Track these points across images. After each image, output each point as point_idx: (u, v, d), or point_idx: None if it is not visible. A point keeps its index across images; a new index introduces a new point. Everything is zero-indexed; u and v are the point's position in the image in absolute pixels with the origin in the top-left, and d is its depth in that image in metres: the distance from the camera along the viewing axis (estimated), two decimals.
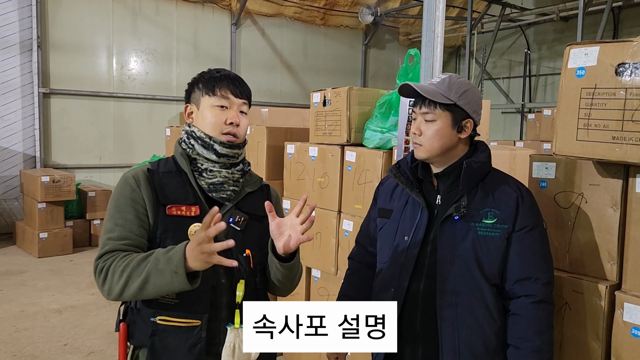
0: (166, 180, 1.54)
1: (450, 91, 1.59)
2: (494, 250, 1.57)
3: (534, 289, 1.56)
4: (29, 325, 4.24)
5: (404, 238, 1.65)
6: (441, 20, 2.24)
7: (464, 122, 1.61)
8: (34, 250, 6.40)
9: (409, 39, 11.49)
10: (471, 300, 1.56)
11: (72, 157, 7.86)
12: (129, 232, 1.46)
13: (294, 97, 9.93)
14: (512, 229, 1.57)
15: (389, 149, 2.76)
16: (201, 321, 1.47)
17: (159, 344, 1.47)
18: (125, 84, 8.25)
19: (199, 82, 1.59)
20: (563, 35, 9.89)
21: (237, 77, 1.60)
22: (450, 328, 1.56)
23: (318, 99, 3.22)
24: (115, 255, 1.43)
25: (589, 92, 1.62)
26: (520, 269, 1.57)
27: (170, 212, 1.49)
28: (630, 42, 1.55)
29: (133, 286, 1.38)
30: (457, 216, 1.57)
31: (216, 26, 9.05)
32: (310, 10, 9.88)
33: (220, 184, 1.55)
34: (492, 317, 1.57)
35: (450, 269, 1.57)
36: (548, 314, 1.57)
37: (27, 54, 7.32)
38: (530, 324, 1.55)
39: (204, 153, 1.54)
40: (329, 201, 3.10)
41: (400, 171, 1.72)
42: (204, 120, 1.55)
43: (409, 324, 1.63)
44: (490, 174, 1.65)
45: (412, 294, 1.62)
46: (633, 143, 1.54)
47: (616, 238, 1.72)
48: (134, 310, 1.53)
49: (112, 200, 1.52)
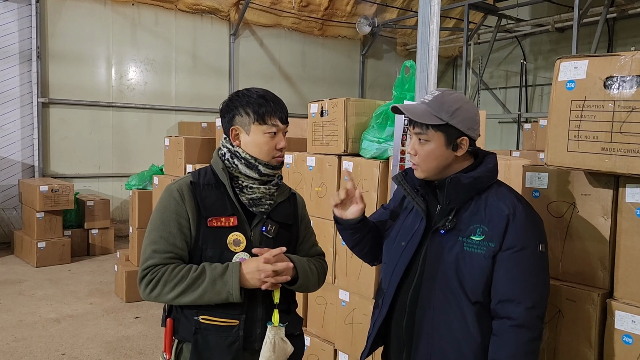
0: (207, 193, 1.70)
1: (441, 110, 1.57)
2: (477, 268, 1.54)
3: (514, 312, 1.51)
4: (27, 335, 4.25)
5: (402, 243, 1.69)
6: (436, 33, 2.28)
7: (458, 140, 1.59)
8: (32, 260, 6.41)
9: (406, 49, 11.58)
10: (449, 315, 1.56)
11: (71, 167, 7.89)
12: (173, 245, 1.65)
13: (292, 107, 9.93)
14: (499, 248, 1.53)
15: (386, 159, 2.80)
16: (239, 321, 1.66)
17: (202, 341, 1.64)
18: (124, 93, 8.29)
19: (245, 107, 1.70)
20: (559, 46, 9.98)
21: (278, 99, 1.74)
22: (426, 338, 1.58)
23: (316, 110, 3.26)
24: (165, 268, 1.63)
25: (578, 104, 1.67)
26: (503, 290, 1.53)
27: (211, 224, 1.67)
28: (617, 56, 1.59)
29: (186, 299, 1.61)
30: (442, 230, 1.59)
31: (215, 37, 9.12)
32: (308, 21, 9.96)
33: (258, 199, 1.73)
34: (470, 334, 1.55)
35: (432, 282, 1.59)
36: (528, 340, 1.51)
37: (26, 64, 7.37)
38: (505, 346, 1.51)
39: (247, 172, 1.71)
40: (327, 210, 3.13)
41: (407, 179, 1.73)
42: (255, 146, 1.71)
43: (395, 327, 1.68)
44: (492, 189, 1.61)
45: (401, 299, 1.66)
46: (622, 154, 1.58)
47: (607, 247, 1.75)
48: (178, 309, 1.70)
49: (158, 211, 1.68)
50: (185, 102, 8.77)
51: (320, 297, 3.26)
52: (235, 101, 1.72)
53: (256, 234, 1.72)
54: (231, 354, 1.64)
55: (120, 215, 8.32)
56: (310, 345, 3.30)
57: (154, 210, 1.71)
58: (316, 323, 3.31)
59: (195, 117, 8.70)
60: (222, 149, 1.76)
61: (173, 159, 4.88)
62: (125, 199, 8.19)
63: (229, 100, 1.75)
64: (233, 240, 1.67)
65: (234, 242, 1.67)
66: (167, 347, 1.71)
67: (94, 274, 6.14)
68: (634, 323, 1.65)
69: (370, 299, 2.86)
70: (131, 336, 4.27)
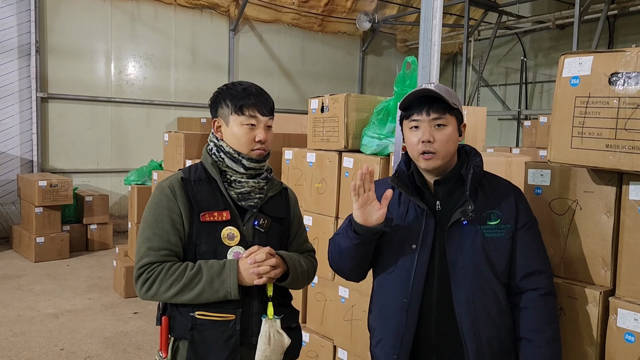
0: (198, 189, 1.69)
1: (450, 96, 1.59)
2: (502, 250, 1.60)
3: (541, 282, 1.61)
4: (26, 330, 4.24)
5: (412, 246, 1.62)
6: (438, 28, 2.27)
7: (462, 126, 1.66)
8: (31, 255, 6.40)
9: (406, 46, 11.55)
10: (487, 303, 1.58)
11: (70, 162, 7.87)
12: (167, 242, 1.64)
13: (292, 103, 9.96)
14: (515, 227, 1.62)
15: (387, 155, 2.78)
16: (235, 315, 1.65)
17: (198, 337, 1.63)
18: (123, 89, 8.27)
19: (226, 98, 1.70)
20: (559, 43, 9.97)
21: (262, 92, 1.73)
22: (472, 333, 1.57)
23: (316, 106, 3.24)
24: (161, 266, 1.61)
25: (583, 100, 1.65)
26: (527, 264, 1.61)
27: (204, 219, 1.66)
28: (623, 52, 1.57)
29: (184, 298, 1.60)
30: (465, 221, 1.58)
31: (214, 32, 9.09)
32: (308, 16, 9.93)
33: (247, 193, 1.72)
34: (506, 315, 1.62)
35: (463, 275, 1.57)
36: (554, 305, 1.64)
37: (25, 59, 7.34)
38: (541, 316, 1.60)
39: (232, 166, 1.70)
40: (327, 207, 3.12)
41: (401, 180, 1.69)
42: (234, 138, 1.70)
43: (425, 334, 1.62)
44: (485, 177, 1.68)
45: (426, 303, 1.61)
46: (626, 151, 1.56)
47: (610, 244, 1.74)
48: (173, 306, 1.68)
49: (150, 209, 1.67)
50: (184, 98, 8.74)
51: (320, 294, 3.25)
52: (221, 94, 1.73)
53: (249, 228, 1.71)
54: (228, 349, 1.63)
55: (119, 211, 8.30)
56: (309, 341, 3.29)
57: (146, 208, 1.70)
58: (315, 319, 3.31)
59: (194, 112, 8.67)
60: (209, 143, 1.76)
61: (172, 155, 4.86)
62: (124, 194, 8.18)
63: (216, 93, 1.75)
64: (227, 235, 1.66)
65: (227, 236, 1.66)
66: (163, 345, 1.69)
67: (93, 269, 6.13)
68: (636, 321, 1.64)
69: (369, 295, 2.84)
70: (130, 331, 4.26)
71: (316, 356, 3.25)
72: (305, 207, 3.30)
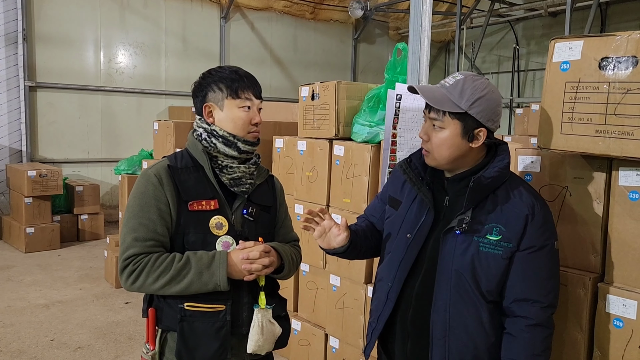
0: (186, 177, 1.65)
1: (461, 98, 1.47)
2: (494, 268, 1.50)
3: (531, 311, 1.50)
4: (16, 321, 4.21)
5: (407, 236, 1.62)
6: (428, 14, 2.24)
7: (476, 131, 1.49)
8: (21, 245, 6.35)
9: (399, 34, 11.49)
10: (464, 314, 1.52)
11: (59, 152, 7.79)
12: (153, 232, 1.59)
13: (283, 91, 9.90)
14: (517, 248, 1.49)
15: (377, 142, 2.77)
16: (225, 306, 1.62)
17: (188, 329, 1.60)
18: (113, 77, 8.17)
19: (218, 82, 1.66)
20: (551, 31, 9.95)
21: (252, 76, 1.71)
22: (442, 336, 1.54)
23: (307, 93, 3.22)
24: (147, 258, 1.57)
25: (573, 85, 1.64)
26: (520, 290, 1.50)
27: (192, 208, 1.63)
28: (613, 36, 1.56)
29: (172, 290, 1.57)
30: (458, 231, 1.50)
31: (205, 20, 8.99)
32: (300, 4, 9.84)
33: (239, 178, 1.69)
34: (485, 333, 1.52)
35: (447, 281, 1.53)
36: (544, 338, 1.51)
37: (12, 47, 7.22)
38: (524, 347, 1.49)
39: (225, 151, 1.67)
40: (318, 195, 3.11)
41: (411, 166, 1.65)
42: (230, 121, 1.67)
43: (401, 320, 1.63)
44: (506, 184, 1.54)
45: (407, 291, 1.61)
46: (616, 137, 1.55)
47: (600, 230, 1.74)
48: (160, 297, 1.65)
49: (135, 197, 1.62)
50: (175, 87, 8.65)
51: (311, 282, 3.25)
52: (208, 78, 1.69)
53: (237, 216, 1.69)
54: (219, 339, 1.60)
55: (110, 201, 8.25)
56: (301, 330, 3.29)
57: (130, 197, 1.64)
58: (307, 308, 3.30)
59: (185, 101, 8.59)
60: (198, 129, 1.72)
61: (162, 144, 4.83)
62: (114, 184, 8.12)
63: (201, 78, 1.72)
64: (215, 224, 1.64)
65: (216, 225, 1.64)
66: (151, 337, 1.66)
67: (84, 260, 6.10)
68: (625, 307, 1.65)
69: (361, 283, 2.85)
70: (121, 322, 4.25)
71: (308, 344, 3.25)
72: (296, 195, 3.29)
